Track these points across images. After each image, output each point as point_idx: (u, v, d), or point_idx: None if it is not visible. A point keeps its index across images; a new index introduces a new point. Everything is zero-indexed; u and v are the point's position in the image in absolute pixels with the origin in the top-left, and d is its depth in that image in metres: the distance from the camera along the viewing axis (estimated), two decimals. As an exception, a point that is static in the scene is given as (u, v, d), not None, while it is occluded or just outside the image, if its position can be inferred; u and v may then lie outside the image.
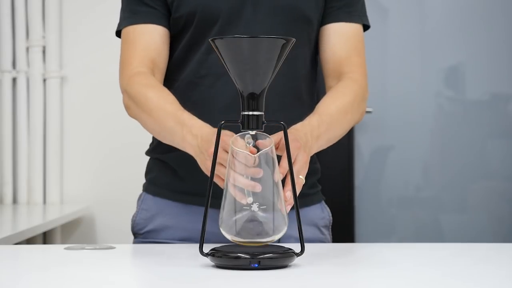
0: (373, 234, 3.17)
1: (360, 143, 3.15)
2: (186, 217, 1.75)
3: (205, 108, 1.72)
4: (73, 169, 3.13)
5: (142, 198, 1.82)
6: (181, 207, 1.76)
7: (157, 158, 1.81)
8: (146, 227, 1.78)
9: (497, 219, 3.20)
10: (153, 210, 1.78)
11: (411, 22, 3.19)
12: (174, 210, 1.77)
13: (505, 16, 3.19)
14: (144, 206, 1.80)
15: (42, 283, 1.29)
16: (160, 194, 1.79)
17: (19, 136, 3.08)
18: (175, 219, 1.76)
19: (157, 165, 1.80)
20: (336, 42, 1.80)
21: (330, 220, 1.85)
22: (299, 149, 1.51)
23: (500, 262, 1.51)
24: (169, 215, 1.77)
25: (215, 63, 1.68)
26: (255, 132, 1.37)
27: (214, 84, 1.72)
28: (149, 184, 1.82)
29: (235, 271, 1.33)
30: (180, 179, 1.76)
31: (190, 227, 1.74)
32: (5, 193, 3.07)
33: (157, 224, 1.77)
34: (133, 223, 1.81)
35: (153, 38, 1.75)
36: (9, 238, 2.11)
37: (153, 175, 1.81)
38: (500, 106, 3.21)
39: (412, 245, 1.83)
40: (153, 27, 1.75)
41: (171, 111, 1.63)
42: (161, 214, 1.77)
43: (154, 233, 1.77)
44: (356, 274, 1.38)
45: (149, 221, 1.78)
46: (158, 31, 1.75)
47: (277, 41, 1.34)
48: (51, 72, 3.09)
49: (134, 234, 1.81)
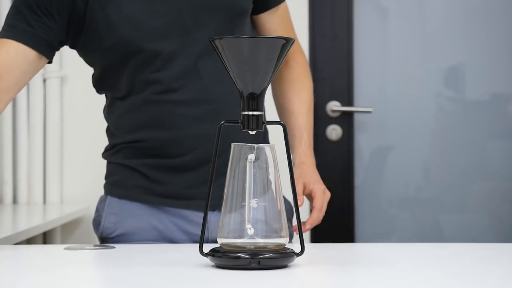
0: (373, 234, 3.17)
1: (360, 143, 3.15)
2: (156, 217, 1.75)
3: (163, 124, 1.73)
4: (73, 169, 3.12)
5: (107, 202, 1.79)
6: (148, 208, 1.76)
7: (120, 163, 1.79)
8: (116, 231, 1.76)
9: (497, 219, 3.20)
10: (121, 214, 1.77)
11: (411, 22, 3.19)
12: (143, 211, 1.75)
13: (505, 16, 3.19)
14: (111, 210, 1.78)
15: (42, 283, 1.29)
16: (127, 197, 1.77)
17: (19, 136, 3.08)
18: (144, 220, 1.75)
19: (120, 169, 1.79)
20: (272, 25, 1.85)
21: (292, 213, 1.85)
22: (324, 192, 1.73)
23: (500, 262, 1.51)
24: (138, 217, 1.75)
25: (168, 75, 1.70)
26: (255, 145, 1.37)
27: (173, 99, 1.73)
28: (112, 186, 1.79)
29: (235, 271, 1.33)
30: (153, 182, 1.75)
31: (161, 227, 1.74)
32: (5, 193, 3.07)
33: (127, 227, 1.76)
34: (101, 227, 1.78)
35: (13, 57, 1.66)
36: (9, 238, 2.11)
37: (116, 178, 1.79)
38: (500, 106, 3.21)
39: (412, 245, 1.83)
40: (20, 46, 1.66)
41: None
42: (130, 217, 1.76)
43: (125, 236, 1.76)
44: (356, 274, 1.38)
45: (118, 225, 1.76)
46: (23, 52, 1.66)
47: (277, 41, 1.34)
48: (51, 72, 3.08)
49: (102, 239, 1.79)
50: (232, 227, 1.36)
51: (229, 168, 1.38)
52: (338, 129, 3.09)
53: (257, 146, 1.37)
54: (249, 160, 1.37)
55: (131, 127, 1.76)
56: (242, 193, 1.36)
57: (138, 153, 1.76)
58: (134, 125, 1.75)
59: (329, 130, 3.09)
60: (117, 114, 1.78)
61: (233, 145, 1.39)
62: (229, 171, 1.38)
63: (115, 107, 1.78)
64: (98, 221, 1.79)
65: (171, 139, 1.73)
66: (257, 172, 1.37)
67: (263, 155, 1.38)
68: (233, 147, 1.39)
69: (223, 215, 1.37)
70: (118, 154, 1.79)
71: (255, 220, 1.36)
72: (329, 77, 3.07)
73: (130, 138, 1.77)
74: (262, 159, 1.37)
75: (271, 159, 1.38)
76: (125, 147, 1.78)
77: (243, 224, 1.36)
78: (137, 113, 1.74)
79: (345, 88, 3.11)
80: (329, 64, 3.09)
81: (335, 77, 3.10)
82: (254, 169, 1.37)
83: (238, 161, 1.37)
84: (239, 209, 1.36)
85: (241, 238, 1.36)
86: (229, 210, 1.37)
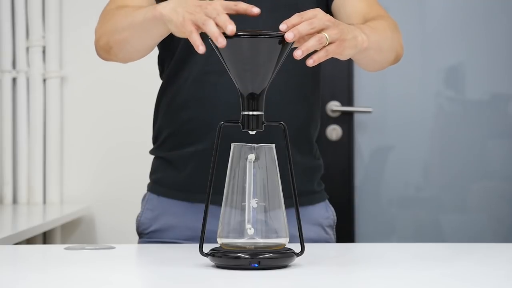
0: (373, 234, 3.17)
1: (360, 143, 3.15)
2: (191, 216, 1.75)
3: (209, 105, 1.71)
4: (73, 169, 3.12)
5: (147, 198, 1.81)
6: (186, 206, 1.76)
7: (161, 157, 1.80)
8: (151, 226, 1.78)
9: (497, 219, 3.20)
10: (157, 210, 1.78)
11: (411, 22, 3.19)
12: (179, 209, 1.76)
13: (505, 16, 3.19)
14: (149, 206, 1.80)
15: (42, 283, 1.29)
16: (164, 194, 1.78)
17: (19, 136, 3.08)
18: (180, 219, 1.76)
19: (162, 165, 1.80)
20: (353, 1, 1.76)
21: (334, 220, 1.84)
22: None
23: (500, 262, 1.51)
24: (174, 214, 1.77)
25: (219, 59, 1.68)
26: (255, 145, 1.37)
27: (218, 81, 1.72)
28: (153, 184, 1.82)
29: (235, 271, 1.33)
30: (184, 178, 1.76)
31: (195, 226, 1.74)
32: (5, 193, 3.07)
33: (162, 223, 1.77)
34: (138, 223, 1.81)
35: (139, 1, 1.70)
36: (9, 238, 2.11)
37: (158, 176, 1.81)
38: (500, 106, 3.21)
39: (412, 245, 1.83)
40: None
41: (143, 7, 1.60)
42: (166, 214, 1.77)
43: (159, 232, 1.77)
44: (356, 274, 1.38)
45: (154, 221, 1.78)
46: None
47: (277, 41, 1.34)
48: (51, 72, 3.08)
49: (139, 234, 1.81)
50: (232, 227, 1.36)
51: (229, 168, 1.38)
52: (338, 129, 3.09)
53: (257, 146, 1.37)
54: (249, 160, 1.37)
55: (182, 102, 1.75)
56: (242, 193, 1.37)
57: (181, 140, 1.75)
58: (184, 101, 1.74)
59: (329, 130, 3.09)
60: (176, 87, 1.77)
61: (233, 145, 1.39)
62: (229, 171, 1.38)
63: (174, 79, 1.77)
64: (139, 216, 1.81)
65: (212, 122, 1.70)
66: (257, 172, 1.37)
67: (263, 155, 1.38)
68: (233, 147, 1.39)
69: (223, 215, 1.37)
70: (161, 147, 1.79)
71: (255, 220, 1.36)
72: (329, 77, 3.07)
73: (178, 118, 1.76)
74: (262, 159, 1.37)
75: (271, 159, 1.38)
76: (170, 134, 1.77)
77: (243, 224, 1.36)
78: (191, 87, 1.73)
79: (345, 88, 3.11)
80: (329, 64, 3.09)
81: (335, 77, 3.10)
82: (254, 169, 1.37)
83: (238, 161, 1.37)
84: (239, 209, 1.36)
85: (241, 238, 1.36)
86: (229, 210, 1.37)
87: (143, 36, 1.59)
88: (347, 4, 1.78)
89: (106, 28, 1.68)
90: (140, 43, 1.62)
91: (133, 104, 3.10)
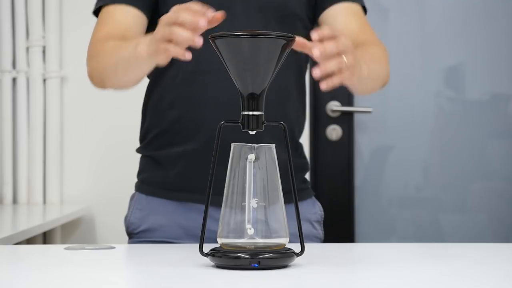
0: (373, 234, 3.17)
1: (360, 143, 3.15)
2: (180, 215, 1.76)
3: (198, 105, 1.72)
4: (73, 169, 3.12)
5: (135, 198, 1.82)
6: (175, 205, 1.77)
7: (149, 156, 1.81)
8: (141, 226, 1.79)
9: (497, 219, 3.20)
10: (146, 210, 1.79)
11: (411, 22, 3.19)
12: (168, 208, 1.77)
13: (505, 16, 3.19)
14: (138, 206, 1.80)
15: (42, 283, 1.29)
16: (153, 193, 1.79)
17: (19, 136, 3.08)
18: (169, 218, 1.76)
19: (150, 164, 1.81)
20: (346, 19, 1.78)
21: (322, 215, 1.85)
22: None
23: (500, 262, 1.51)
24: (163, 213, 1.77)
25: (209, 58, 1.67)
26: (255, 145, 1.37)
27: (208, 81, 1.72)
28: (141, 183, 1.82)
29: (235, 271, 1.33)
30: (173, 177, 1.76)
31: (185, 225, 1.75)
32: (5, 193, 3.07)
33: (151, 223, 1.77)
34: (128, 223, 1.81)
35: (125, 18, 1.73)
36: (9, 238, 2.11)
37: (145, 175, 1.81)
38: (500, 106, 3.21)
39: (412, 245, 1.83)
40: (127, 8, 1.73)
41: (128, 41, 1.62)
42: (155, 213, 1.78)
43: (148, 232, 1.78)
44: (356, 274, 1.38)
45: (143, 221, 1.78)
46: (132, 13, 1.74)
47: (277, 41, 1.34)
48: (51, 72, 3.08)
49: (129, 235, 1.82)
50: (232, 227, 1.36)
51: (229, 168, 1.38)
52: (338, 129, 3.09)
53: (257, 146, 1.37)
54: (249, 160, 1.37)
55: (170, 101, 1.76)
56: (242, 193, 1.37)
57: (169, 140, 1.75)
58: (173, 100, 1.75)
59: (329, 130, 3.09)
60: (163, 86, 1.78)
61: (233, 145, 1.39)
62: (229, 171, 1.38)
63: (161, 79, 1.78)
64: (128, 216, 1.81)
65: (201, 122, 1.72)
66: (257, 172, 1.37)
67: (263, 155, 1.38)
68: (233, 147, 1.39)
69: (223, 215, 1.37)
70: (148, 146, 1.79)
71: (255, 220, 1.36)
72: (329, 77, 3.07)
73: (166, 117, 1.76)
74: (262, 159, 1.37)
75: (271, 159, 1.38)
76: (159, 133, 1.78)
77: (243, 224, 1.36)
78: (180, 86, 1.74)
79: (345, 88, 3.11)
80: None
81: (335, 77, 3.10)
82: (254, 169, 1.37)
83: (238, 161, 1.37)
84: (239, 209, 1.36)
85: (241, 238, 1.36)
86: (229, 210, 1.37)
87: (132, 72, 1.62)
88: (338, 20, 1.78)
89: (96, 65, 1.72)
90: (132, 77, 1.65)
91: (133, 104, 3.09)
